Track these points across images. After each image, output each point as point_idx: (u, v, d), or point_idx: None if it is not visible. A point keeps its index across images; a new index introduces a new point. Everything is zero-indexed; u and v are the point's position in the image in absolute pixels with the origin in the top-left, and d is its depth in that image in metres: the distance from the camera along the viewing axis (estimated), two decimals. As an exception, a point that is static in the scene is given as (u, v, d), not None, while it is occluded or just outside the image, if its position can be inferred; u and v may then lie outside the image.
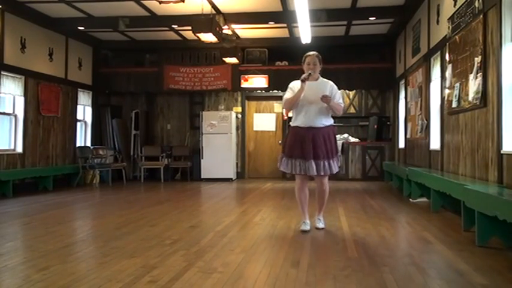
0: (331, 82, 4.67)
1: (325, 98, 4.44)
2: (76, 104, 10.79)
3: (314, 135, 4.52)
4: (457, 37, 6.03)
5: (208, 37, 8.38)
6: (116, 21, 9.34)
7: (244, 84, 11.60)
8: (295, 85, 4.66)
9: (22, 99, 8.87)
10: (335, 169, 4.60)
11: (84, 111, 11.36)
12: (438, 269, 3.30)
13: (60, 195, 8.32)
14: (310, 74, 4.52)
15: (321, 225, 4.75)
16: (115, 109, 12.12)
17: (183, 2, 7.52)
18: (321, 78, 4.69)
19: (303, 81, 4.51)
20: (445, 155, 6.77)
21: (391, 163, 10.16)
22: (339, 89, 4.78)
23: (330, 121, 4.65)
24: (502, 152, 4.66)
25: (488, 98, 5.02)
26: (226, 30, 9.60)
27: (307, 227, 4.64)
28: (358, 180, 10.89)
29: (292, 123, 4.71)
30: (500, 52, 4.71)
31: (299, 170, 4.54)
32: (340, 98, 4.68)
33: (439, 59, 7.13)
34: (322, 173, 4.53)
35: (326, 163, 4.52)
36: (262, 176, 12.17)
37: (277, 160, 5.12)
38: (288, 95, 4.67)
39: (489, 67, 5.01)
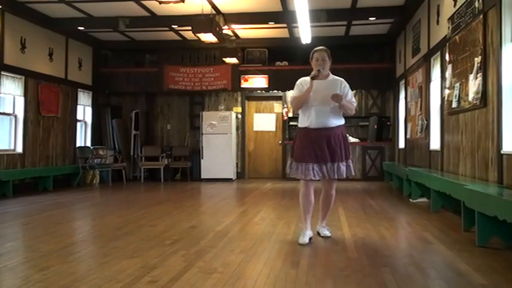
0: (341, 79, 4.27)
1: (336, 97, 4.08)
2: (76, 104, 10.79)
3: (327, 136, 4.15)
4: (457, 37, 6.03)
5: (208, 37, 8.38)
6: (116, 21, 9.34)
7: (244, 85, 11.59)
8: (303, 82, 4.28)
9: (22, 99, 8.87)
10: (353, 171, 4.23)
11: (84, 111, 11.36)
12: (438, 269, 3.30)
13: (60, 195, 8.32)
14: (319, 70, 4.15)
15: (327, 232, 4.38)
16: (115, 109, 12.12)
17: (183, 2, 7.52)
18: (331, 75, 4.30)
19: (312, 78, 4.13)
20: (445, 155, 6.77)
21: (391, 163, 10.16)
22: None
23: (341, 121, 4.31)
24: (502, 152, 4.66)
25: (488, 98, 5.02)
26: (226, 31, 9.60)
27: (306, 239, 4.12)
28: (358, 181, 10.89)
29: (300, 125, 4.31)
30: (500, 52, 4.71)
31: (312, 175, 4.09)
32: (352, 96, 4.34)
33: (439, 59, 7.14)
34: (336, 176, 4.15)
35: (343, 165, 4.16)
36: (262, 176, 12.17)
37: (277, 160, 4.97)
38: (295, 92, 4.29)
39: (489, 67, 5.01)
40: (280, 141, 12.15)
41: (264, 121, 12.41)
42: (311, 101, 4.17)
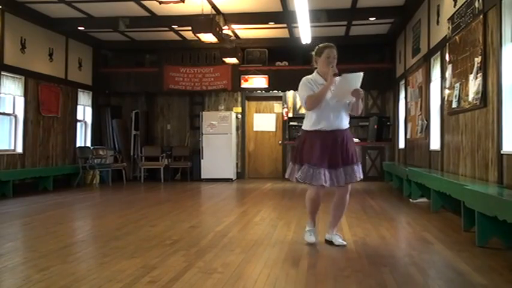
0: (362, 73, 3.86)
1: (357, 92, 3.81)
2: (76, 104, 10.79)
3: (341, 138, 3.90)
4: (457, 37, 6.03)
5: (208, 37, 8.39)
6: (116, 22, 9.34)
7: (244, 85, 11.59)
8: (311, 81, 3.97)
9: (22, 99, 8.87)
10: (361, 174, 4.03)
11: (84, 111, 11.36)
12: (438, 269, 3.30)
13: (60, 195, 8.31)
14: (333, 67, 3.88)
15: (341, 241, 4.01)
16: (115, 109, 12.12)
17: (183, 2, 7.52)
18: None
19: (335, 75, 3.83)
20: (445, 155, 6.77)
21: (391, 163, 10.16)
22: None
23: (348, 121, 4.05)
24: (502, 152, 4.67)
25: (488, 98, 5.02)
26: (226, 31, 9.60)
27: (313, 238, 4.04)
28: (358, 181, 10.87)
29: (312, 127, 3.95)
30: (500, 52, 4.72)
31: (323, 181, 3.81)
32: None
33: (439, 59, 7.14)
34: (350, 180, 3.93)
35: (356, 168, 3.95)
36: (262, 176, 12.17)
37: (277, 160, 4.83)
38: (306, 91, 3.92)
39: (489, 67, 5.01)
40: (280, 141, 12.15)
41: (264, 121, 12.42)
42: (329, 98, 3.88)
